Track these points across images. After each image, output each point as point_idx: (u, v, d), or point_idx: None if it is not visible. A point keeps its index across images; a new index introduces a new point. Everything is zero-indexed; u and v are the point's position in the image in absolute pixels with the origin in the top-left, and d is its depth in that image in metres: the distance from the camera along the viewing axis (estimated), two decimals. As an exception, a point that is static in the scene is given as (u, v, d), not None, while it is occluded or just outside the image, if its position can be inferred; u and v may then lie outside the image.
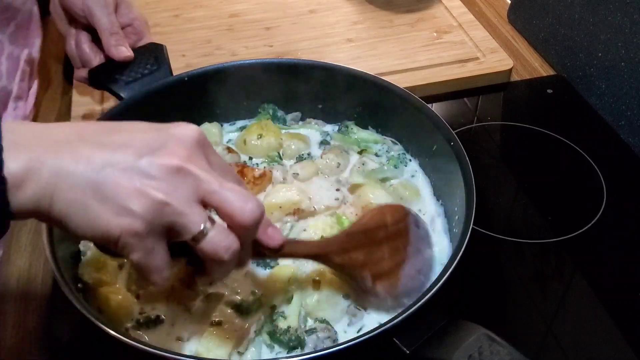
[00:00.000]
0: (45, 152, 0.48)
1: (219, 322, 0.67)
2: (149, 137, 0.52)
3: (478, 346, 0.56)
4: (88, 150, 0.50)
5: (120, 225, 0.49)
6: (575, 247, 0.82)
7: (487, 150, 1.00)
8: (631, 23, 0.93)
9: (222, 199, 0.53)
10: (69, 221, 0.49)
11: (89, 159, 0.49)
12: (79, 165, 0.49)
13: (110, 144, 0.51)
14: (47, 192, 0.48)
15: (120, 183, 0.49)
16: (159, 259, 0.53)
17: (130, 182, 0.49)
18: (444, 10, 1.23)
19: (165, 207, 0.50)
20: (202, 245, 0.52)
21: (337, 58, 1.09)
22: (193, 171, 0.52)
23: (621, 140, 0.98)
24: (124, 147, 0.51)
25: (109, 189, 0.49)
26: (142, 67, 0.88)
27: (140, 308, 0.69)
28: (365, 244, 0.67)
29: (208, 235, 0.52)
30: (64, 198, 0.48)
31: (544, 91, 1.09)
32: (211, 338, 0.65)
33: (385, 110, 0.87)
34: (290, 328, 0.65)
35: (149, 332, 0.67)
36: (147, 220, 0.50)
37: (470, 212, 0.68)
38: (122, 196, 0.49)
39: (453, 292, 0.65)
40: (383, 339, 0.58)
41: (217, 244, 0.53)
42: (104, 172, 0.49)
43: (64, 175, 0.48)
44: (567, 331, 0.73)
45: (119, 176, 0.49)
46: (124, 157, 0.50)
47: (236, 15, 1.22)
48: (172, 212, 0.50)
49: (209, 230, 0.52)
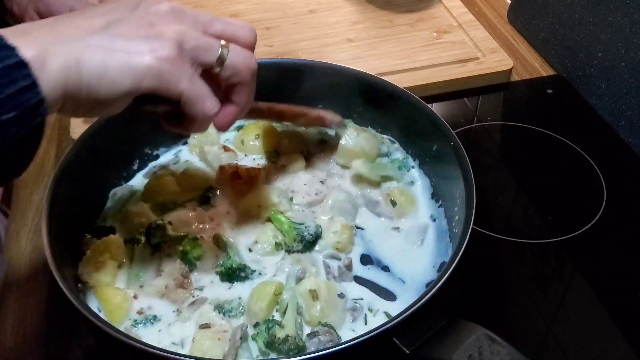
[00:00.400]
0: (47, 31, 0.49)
1: (207, 325, 0.67)
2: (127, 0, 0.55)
3: (478, 346, 0.56)
4: (82, 20, 0.51)
5: (153, 55, 0.51)
6: (576, 247, 0.82)
7: (487, 150, 1.00)
8: (631, 23, 0.93)
9: (223, 24, 0.57)
10: (105, 81, 0.49)
11: (90, 26, 0.50)
12: (83, 32, 0.50)
13: (98, 14, 0.53)
14: (70, 64, 0.48)
15: (132, 26, 0.51)
16: (203, 85, 0.55)
17: (140, 22, 0.52)
18: (444, 10, 1.23)
19: (183, 35, 0.53)
20: (229, 62, 0.56)
21: (337, 58, 1.09)
22: (185, 9, 0.55)
23: (621, 140, 0.98)
24: (112, 10, 0.53)
25: (125, 35, 0.51)
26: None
27: (138, 308, 0.69)
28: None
29: (230, 52, 0.56)
30: (89, 60, 0.49)
31: (544, 91, 1.09)
32: (203, 341, 0.65)
33: (385, 110, 0.87)
34: (288, 337, 0.65)
35: (146, 331, 0.67)
36: (174, 43, 0.52)
37: (470, 212, 0.68)
38: (140, 34, 0.51)
39: (453, 292, 0.65)
40: (383, 339, 0.58)
41: (240, 55, 0.57)
42: (112, 29, 0.51)
43: (76, 43, 0.49)
44: (567, 331, 0.73)
45: (127, 24, 0.51)
46: (118, 14, 0.52)
47: (236, 15, 1.22)
48: (190, 37, 0.53)
49: (229, 47, 0.57)
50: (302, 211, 0.79)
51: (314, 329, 0.66)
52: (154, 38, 0.51)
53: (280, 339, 0.65)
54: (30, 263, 0.81)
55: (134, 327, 0.67)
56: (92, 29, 0.50)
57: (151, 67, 0.51)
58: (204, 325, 0.67)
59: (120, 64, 0.50)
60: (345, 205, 0.80)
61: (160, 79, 0.51)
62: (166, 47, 0.51)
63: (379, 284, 0.74)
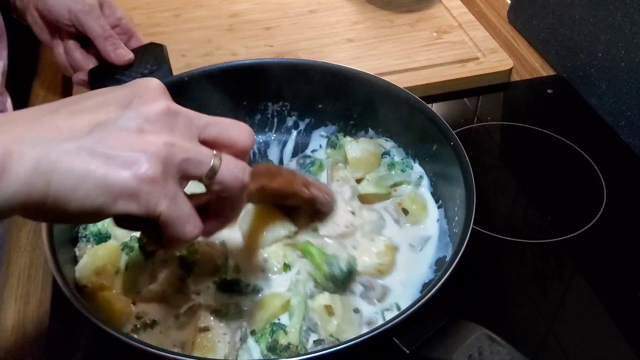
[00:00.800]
0: (19, 131, 0.43)
1: (206, 328, 0.66)
2: (120, 93, 0.49)
3: (478, 346, 0.56)
4: (66, 119, 0.46)
5: (133, 174, 0.45)
6: (576, 247, 0.82)
7: (487, 151, 1.00)
8: (631, 23, 0.93)
9: (219, 128, 0.52)
10: (75, 196, 0.44)
11: (74, 127, 0.45)
12: (64, 135, 0.44)
13: (85, 109, 0.47)
14: (38, 174, 0.43)
15: (118, 136, 0.46)
16: (185, 206, 0.50)
17: (127, 132, 0.46)
18: (444, 10, 1.23)
19: (172, 147, 0.47)
20: (221, 176, 0.50)
21: (337, 58, 1.09)
22: (180, 110, 0.50)
23: (621, 141, 0.98)
24: (101, 106, 0.47)
25: (107, 145, 0.45)
26: (142, 67, 0.88)
27: (136, 313, 0.69)
28: (274, 176, 0.73)
29: (223, 165, 0.50)
30: (62, 172, 0.43)
31: (544, 91, 1.09)
32: (203, 344, 0.65)
33: (385, 110, 0.87)
34: (290, 345, 0.64)
35: (146, 337, 0.67)
36: (159, 162, 0.46)
37: (471, 212, 0.68)
38: (125, 147, 0.46)
39: (453, 292, 0.65)
40: (383, 339, 0.58)
41: (234, 168, 0.51)
42: (94, 134, 0.45)
43: (52, 150, 0.43)
44: (567, 331, 0.73)
45: (112, 132, 0.46)
46: (107, 115, 0.47)
47: (236, 15, 1.22)
48: (180, 150, 0.48)
49: (222, 160, 0.50)
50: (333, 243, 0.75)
51: (320, 337, 0.66)
52: (139, 151, 0.46)
53: (282, 346, 0.64)
54: (30, 263, 0.81)
55: (134, 332, 0.67)
56: (73, 133, 0.45)
57: (128, 187, 0.45)
58: (203, 329, 0.66)
59: (96, 180, 0.44)
60: (380, 222, 0.78)
61: (138, 200, 0.46)
62: (150, 164, 0.46)
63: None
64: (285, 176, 0.75)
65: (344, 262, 0.70)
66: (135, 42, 0.93)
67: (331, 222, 0.76)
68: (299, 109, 0.93)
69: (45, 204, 0.44)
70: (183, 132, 0.49)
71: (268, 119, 0.93)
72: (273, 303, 0.68)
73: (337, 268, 0.69)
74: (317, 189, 0.76)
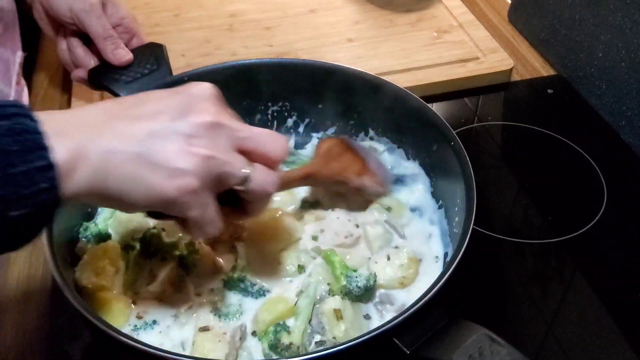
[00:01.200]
0: (87, 136, 0.50)
1: (206, 328, 0.66)
2: (174, 101, 0.55)
3: (478, 346, 0.56)
4: (125, 126, 0.52)
5: (176, 186, 0.52)
6: (576, 247, 0.82)
7: (487, 150, 1.00)
8: (632, 23, 0.93)
9: (257, 142, 0.58)
10: (126, 195, 0.52)
11: (131, 134, 0.52)
12: (122, 141, 0.51)
13: (143, 116, 0.53)
14: (99, 173, 0.50)
15: (166, 148, 0.52)
16: (213, 212, 0.57)
17: (175, 145, 0.52)
18: (445, 10, 1.23)
19: (211, 160, 0.54)
20: (250, 186, 0.57)
21: (337, 58, 1.09)
22: (225, 123, 0.56)
23: (621, 141, 0.98)
24: (156, 115, 0.54)
25: (157, 156, 0.52)
26: (141, 67, 0.88)
27: (137, 313, 0.69)
28: (333, 158, 0.80)
29: (253, 177, 0.57)
30: (117, 174, 0.51)
31: (544, 91, 1.09)
32: (203, 344, 0.65)
33: (385, 111, 0.87)
34: (292, 345, 0.64)
35: (147, 336, 0.67)
36: (199, 176, 0.53)
37: (471, 212, 0.68)
38: (171, 159, 0.52)
39: (453, 292, 0.65)
40: (383, 339, 0.58)
41: (263, 181, 0.58)
42: (148, 142, 0.52)
43: (112, 154, 0.50)
44: (567, 331, 0.73)
45: (163, 142, 0.52)
46: (160, 125, 0.53)
47: (236, 15, 1.22)
48: (218, 163, 0.54)
49: (252, 172, 0.57)
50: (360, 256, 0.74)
51: (323, 339, 0.66)
52: (183, 164, 0.52)
53: (284, 345, 0.64)
54: (30, 263, 0.81)
55: (134, 332, 0.67)
56: (131, 140, 0.52)
57: (169, 196, 0.53)
58: (203, 328, 0.66)
59: (143, 187, 0.52)
60: (387, 236, 0.77)
61: (173, 205, 0.54)
62: (191, 178, 0.53)
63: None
64: (343, 161, 0.80)
65: (364, 280, 0.69)
66: (137, 41, 0.92)
67: (331, 231, 0.76)
68: (299, 109, 0.93)
69: (103, 198, 0.52)
70: (224, 144, 0.55)
71: (268, 119, 0.93)
72: (277, 307, 0.68)
73: (355, 285, 0.69)
74: (371, 179, 0.80)
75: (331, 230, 0.76)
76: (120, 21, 0.90)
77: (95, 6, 0.87)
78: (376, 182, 0.80)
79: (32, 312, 0.75)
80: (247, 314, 0.69)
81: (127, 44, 0.90)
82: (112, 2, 0.90)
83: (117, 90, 0.85)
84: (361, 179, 0.79)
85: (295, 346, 0.64)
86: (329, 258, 0.72)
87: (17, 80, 0.87)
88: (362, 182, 0.79)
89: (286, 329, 0.66)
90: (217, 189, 0.56)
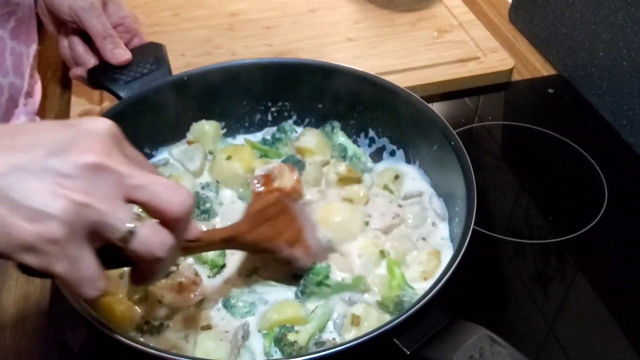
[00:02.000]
0: None
1: (208, 326, 0.66)
2: (57, 134, 0.47)
3: (479, 347, 0.56)
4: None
5: (35, 231, 0.44)
6: (577, 247, 0.82)
7: (488, 150, 0.99)
8: (633, 22, 0.92)
9: (150, 193, 0.49)
10: None
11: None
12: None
13: (14, 146, 0.46)
14: None
15: (32, 186, 0.45)
16: (88, 268, 0.48)
17: (42, 184, 0.45)
18: (445, 10, 1.23)
19: (85, 208, 0.45)
20: (133, 245, 0.48)
21: (337, 57, 1.09)
22: (112, 167, 0.47)
23: (622, 141, 0.97)
24: (31, 148, 0.46)
25: (18, 194, 0.44)
26: (141, 67, 0.88)
27: (142, 316, 0.68)
28: (265, 221, 0.71)
29: (138, 234, 0.48)
30: None
31: (545, 91, 1.09)
32: (205, 343, 0.65)
33: (385, 110, 0.87)
34: (296, 343, 0.64)
35: (152, 340, 0.67)
36: (66, 224, 0.45)
37: (471, 212, 0.68)
38: (35, 200, 0.44)
39: (454, 293, 0.65)
40: (383, 340, 0.58)
41: (150, 241, 0.49)
42: (11, 177, 0.45)
43: None
44: (568, 332, 0.73)
45: (29, 179, 0.45)
46: (31, 159, 0.45)
47: (236, 15, 1.22)
48: (94, 212, 0.46)
49: (138, 228, 0.48)
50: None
51: (322, 340, 0.66)
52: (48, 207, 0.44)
53: (288, 341, 0.64)
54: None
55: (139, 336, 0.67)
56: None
57: (28, 242, 0.44)
58: (205, 327, 0.66)
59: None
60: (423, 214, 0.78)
61: (35, 256, 0.45)
62: (54, 224, 0.44)
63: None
64: (276, 226, 0.71)
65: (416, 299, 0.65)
66: (139, 41, 0.92)
67: (379, 214, 0.76)
68: (299, 109, 0.92)
69: None
70: (105, 191, 0.47)
71: (268, 119, 0.93)
72: (286, 310, 0.68)
73: (408, 302, 0.67)
74: (304, 250, 0.71)
75: (377, 212, 0.77)
76: (121, 20, 0.90)
77: (95, 5, 0.86)
78: (308, 255, 0.72)
79: (32, 313, 0.75)
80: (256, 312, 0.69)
81: (128, 44, 0.90)
82: (114, 0, 0.90)
83: (116, 90, 0.85)
84: (292, 250, 0.71)
85: (298, 346, 0.64)
86: (391, 268, 0.71)
87: (30, 74, 0.88)
88: (292, 253, 0.71)
89: (294, 330, 0.66)
90: (94, 242, 0.48)
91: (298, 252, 0.71)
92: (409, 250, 0.74)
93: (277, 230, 0.71)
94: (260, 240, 0.69)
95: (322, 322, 0.67)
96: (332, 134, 0.88)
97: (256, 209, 0.72)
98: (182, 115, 0.87)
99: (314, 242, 0.73)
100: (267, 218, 0.71)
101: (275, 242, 0.70)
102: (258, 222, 0.70)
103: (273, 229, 0.71)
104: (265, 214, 0.72)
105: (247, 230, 0.68)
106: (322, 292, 0.70)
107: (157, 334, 0.67)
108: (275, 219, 0.72)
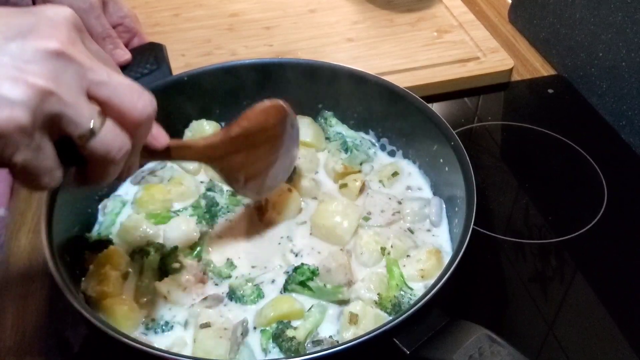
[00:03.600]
0: None
1: (207, 324, 0.66)
2: (17, 20, 0.44)
3: (479, 346, 0.56)
4: None
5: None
6: (576, 247, 0.82)
7: (487, 150, 0.99)
8: (632, 23, 0.92)
9: (112, 91, 0.46)
10: None
11: None
12: None
13: None
14: None
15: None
16: (49, 158, 0.46)
17: (9, 62, 0.42)
18: (445, 10, 1.23)
19: (49, 96, 0.43)
20: (92, 144, 0.46)
21: (337, 58, 1.09)
22: (75, 57, 0.44)
23: (622, 141, 0.98)
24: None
25: None
26: (141, 67, 0.88)
27: (145, 316, 0.68)
28: (245, 147, 0.67)
29: (99, 134, 0.46)
30: None
31: (544, 91, 1.09)
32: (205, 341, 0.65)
33: (385, 110, 0.87)
34: (294, 339, 0.64)
35: (156, 339, 0.67)
36: (30, 110, 0.42)
37: (471, 212, 0.68)
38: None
39: (454, 293, 0.65)
40: (383, 340, 0.58)
41: (109, 143, 0.46)
42: None
43: None
44: (568, 331, 0.73)
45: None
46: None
47: (236, 15, 1.22)
48: (57, 101, 0.43)
49: (100, 129, 0.46)
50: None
51: (320, 338, 0.66)
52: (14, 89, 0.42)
53: (286, 337, 0.65)
54: (29, 263, 0.81)
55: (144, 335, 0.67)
56: None
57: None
58: (204, 325, 0.66)
59: None
60: (423, 211, 0.79)
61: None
62: (20, 111, 0.42)
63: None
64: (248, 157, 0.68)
65: (415, 300, 0.66)
66: (139, 41, 0.92)
67: (379, 210, 0.77)
68: (298, 109, 0.92)
69: None
70: (69, 82, 0.44)
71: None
72: (282, 306, 0.68)
73: (406, 302, 0.68)
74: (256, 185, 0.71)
75: (377, 209, 0.78)
76: (121, 20, 0.90)
77: (94, 5, 0.86)
78: (252, 191, 0.72)
79: (32, 312, 0.75)
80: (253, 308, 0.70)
81: (128, 44, 0.90)
82: (113, 0, 0.90)
83: (116, 90, 0.85)
84: (248, 185, 0.70)
85: (296, 342, 0.64)
86: (390, 267, 0.71)
87: None
88: (245, 188, 0.70)
89: (290, 325, 0.66)
90: (52, 134, 0.45)
91: (250, 187, 0.70)
92: (409, 248, 0.74)
93: (249, 161, 0.68)
94: (226, 167, 0.67)
95: (318, 319, 0.68)
96: (325, 125, 0.89)
97: (247, 129, 0.66)
98: (182, 115, 0.87)
99: (271, 179, 0.72)
100: (249, 144, 0.67)
101: (239, 174, 0.68)
102: (236, 148, 0.66)
103: (245, 159, 0.68)
104: (252, 139, 0.67)
105: (219, 157, 0.66)
106: (305, 293, 0.70)
107: (161, 333, 0.67)
108: (257, 147, 0.68)
